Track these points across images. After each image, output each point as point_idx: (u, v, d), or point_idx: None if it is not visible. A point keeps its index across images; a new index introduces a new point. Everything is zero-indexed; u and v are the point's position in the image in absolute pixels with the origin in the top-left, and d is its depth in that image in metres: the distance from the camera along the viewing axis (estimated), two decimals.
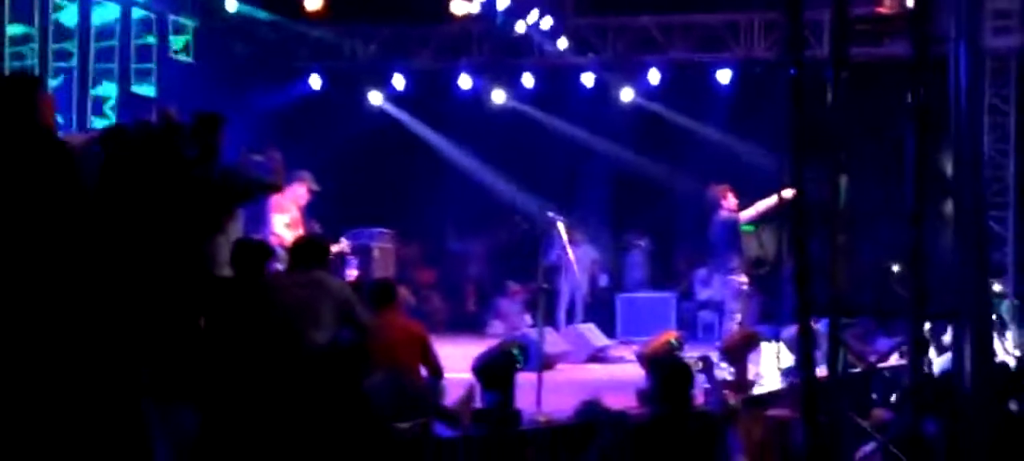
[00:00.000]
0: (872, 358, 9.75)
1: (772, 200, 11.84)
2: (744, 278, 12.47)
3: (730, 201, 12.60)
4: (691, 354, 9.53)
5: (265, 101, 16.55)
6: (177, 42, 15.70)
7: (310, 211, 11.80)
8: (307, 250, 8.04)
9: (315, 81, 17.73)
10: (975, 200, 5.16)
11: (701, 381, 8.68)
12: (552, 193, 16.52)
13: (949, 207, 5.75)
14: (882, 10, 7.84)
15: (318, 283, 7.65)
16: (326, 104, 17.78)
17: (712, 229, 12.81)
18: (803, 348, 5.54)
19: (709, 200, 12.89)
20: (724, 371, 9.90)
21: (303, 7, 13.85)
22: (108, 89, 14.69)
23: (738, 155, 16.63)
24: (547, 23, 16.02)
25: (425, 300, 16.74)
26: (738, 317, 12.17)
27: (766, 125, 15.86)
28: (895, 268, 13.09)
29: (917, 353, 5.58)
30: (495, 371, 7.89)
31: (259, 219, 10.83)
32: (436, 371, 8.24)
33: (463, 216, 18.92)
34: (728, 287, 12.62)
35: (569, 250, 13.26)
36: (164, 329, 6.34)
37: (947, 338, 10.48)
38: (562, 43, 16.80)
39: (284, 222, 11.10)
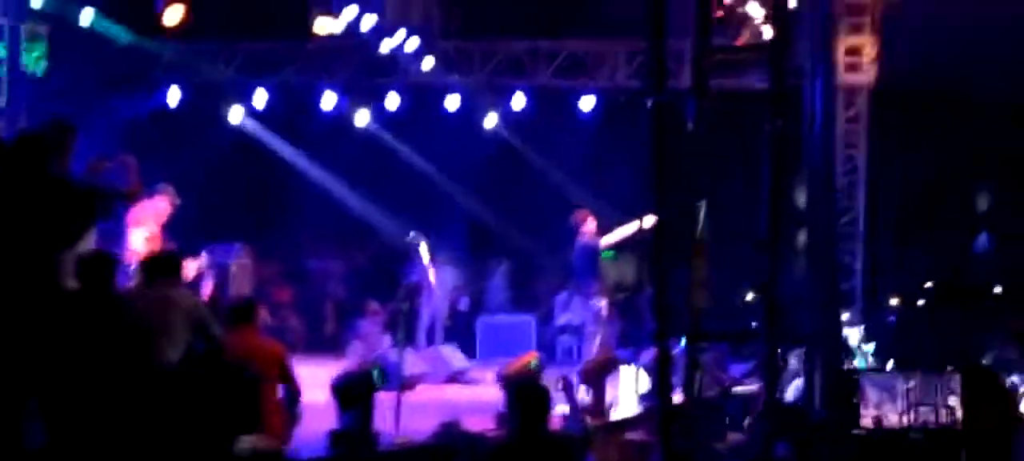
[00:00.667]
0: (726, 383, 9.94)
1: (633, 227, 12.01)
2: (604, 302, 12.60)
3: (590, 226, 12.73)
4: (551, 377, 9.58)
5: (122, 115, 16.16)
6: (29, 55, 15.21)
7: (168, 226, 11.54)
8: (158, 265, 7.89)
9: (174, 96, 17.35)
10: (827, 230, 5.31)
11: (561, 403, 8.74)
12: (415, 214, 16.50)
13: (801, 237, 5.91)
14: (740, 42, 8.02)
15: (169, 299, 7.51)
16: (186, 119, 17.43)
17: (573, 254, 12.93)
18: (661, 373, 5.63)
19: (571, 225, 13.01)
20: (583, 394, 9.97)
21: (161, 21, 13.51)
22: None
23: (601, 181, 16.83)
24: (413, 44, 15.97)
25: (283, 319, 16.51)
26: (598, 341, 12.28)
27: (629, 152, 16.15)
28: (749, 297, 13.36)
29: (770, 378, 5.70)
30: (353, 392, 7.83)
31: (117, 233, 10.53)
32: (294, 391, 8.13)
33: (323, 235, 18.74)
34: (588, 311, 12.74)
35: (430, 271, 13.23)
36: (11, 343, 6.15)
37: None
38: (428, 64, 16.77)
39: (143, 237, 10.77)
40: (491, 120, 17.67)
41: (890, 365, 11.42)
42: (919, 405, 8.07)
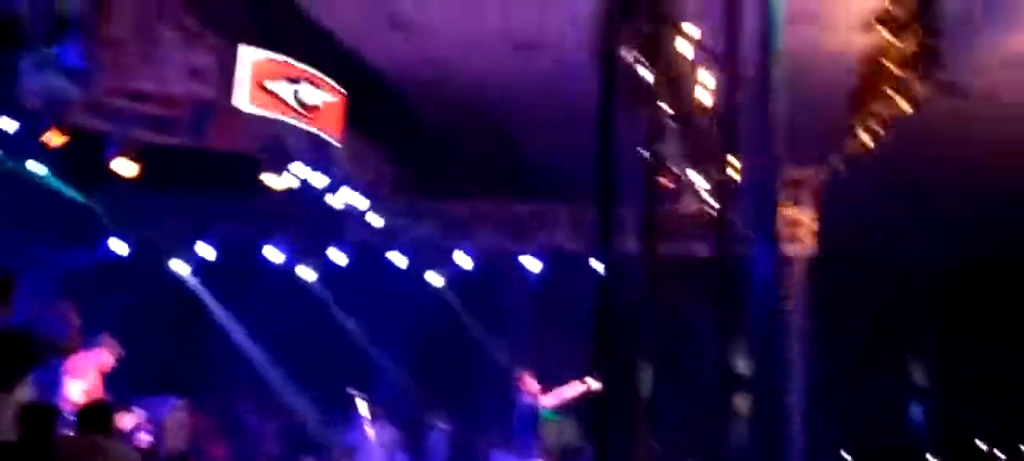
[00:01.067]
0: None
1: (575, 388, 12.03)
2: None
3: (531, 387, 12.73)
4: None
5: (63, 264, 16.04)
6: None
7: (107, 377, 11.39)
8: (91, 416, 7.74)
9: (118, 246, 17.29)
10: (773, 394, 5.38)
11: None
12: (355, 370, 16.45)
13: (739, 402, 5.97)
14: (682, 211, 8.21)
15: (99, 447, 7.36)
16: (127, 269, 17.34)
17: (514, 413, 12.90)
18: None
19: (512, 385, 13.01)
20: None
21: (110, 171, 13.50)
22: None
23: (544, 342, 16.88)
24: (362, 203, 16.07)
25: None
26: None
27: (571, 313, 16.24)
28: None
29: None
30: None
31: (53, 383, 10.37)
32: None
33: (260, 391, 18.55)
34: None
35: (369, 427, 13.12)
36: None
37: None
38: (375, 221, 16.86)
39: (81, 388, 10.55)
40: (437, 280, 17.74)
41: None
42: None
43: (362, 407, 12.89)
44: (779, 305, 5.84)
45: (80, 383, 10.61)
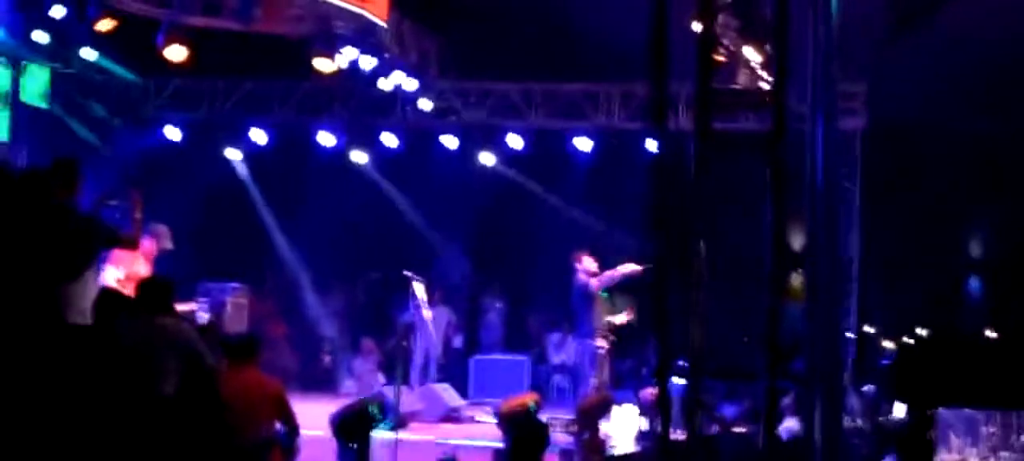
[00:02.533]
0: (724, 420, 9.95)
1: (629, 267, 12.05)
2: (600, 342, 12.61)
3: (587, 266, 12.75)
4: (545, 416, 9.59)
5: (122, 149, 16.23)
6: (32, 88, 15.31)
7: (163, 263, 11.49)
8: (151, 293, 7.77)
9: (173, 132, 17.48)
10: (830, 270, 5.37)
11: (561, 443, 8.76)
12: (410, 252, 16.58)
13: (793, 278, 5.97)
14: (737, 85, 8.12)
15: (161, 330, 7.40)
16: (184, 156, 17.53)
17: (570, 293, 12.94)
18: (662, 411, 5.67)
19: (568, 265, 13.03)
20: (579, 434, 9.98)
21: (162, 58, 13.60)
22: None
23: (597, 221, 16.91)
24: (411, 85, 16.07)
25: (277, 355, 16.51)
26: (594, 381, 12.29)
27: (624, 192, 16.24)
28: (746, 339, 13.38)
29: (769, 419, 5.74)
30: (353, 428, 7.83)
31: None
32: (292, 428, 8.14)
33: (319, 273, 18.78)
34: (584, 351, 12.73)
35: (425, 310, 13.25)
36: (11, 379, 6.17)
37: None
38: (425, 105, 16.88)
39: (116, 276, 10.44)
40: (488, 159, 17.77)
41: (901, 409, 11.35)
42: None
43: (418, 289, 12.98)
44: (835, 180, 5.79)
45: (118, 272, 10.47)
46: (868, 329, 16.72)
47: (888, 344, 16.70)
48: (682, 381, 7.02)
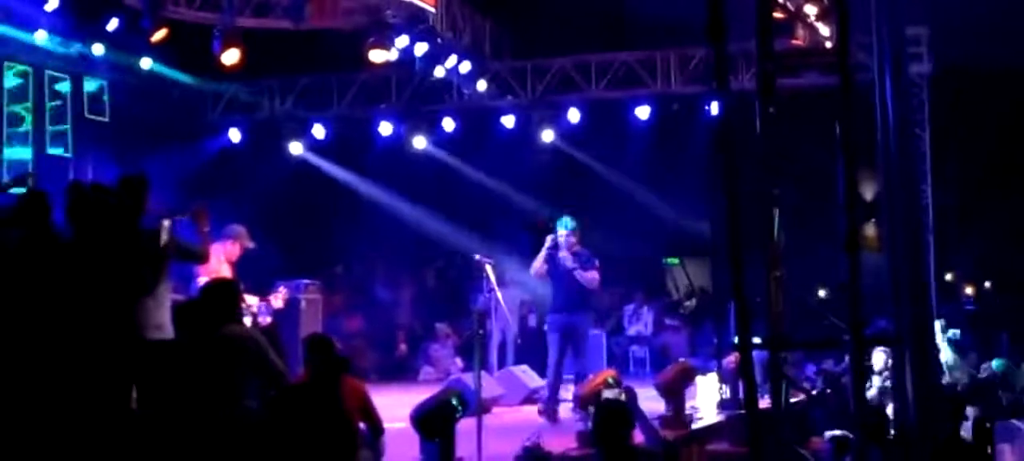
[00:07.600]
0: (808, 387, 9.83)
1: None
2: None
3: None
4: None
5: (184, 157, 16.35)
6: (91, 102, 15.46)
7: (239, 265, 11.56)
8: (216, 300, 7.67)
9: (234, 135, 17.60)
10: (912, 225, 5.22)
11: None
12: (477, 233, 16.56)
13: (867, 227, 5.83)
14: (797, 43, 7.94)
15: (230, 341, 7.33)
16: (246, 157, 17.64)
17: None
18: (746, 381, 5.55)
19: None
20: (660, 406, 9.87)
21: (219, 63, 13.66)
22: (21, 152, 14.42)
23: (659, 189, 16.76)
24: (466, 67, 16.03)
25: (354, 349, 16.56)
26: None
27: (685, 158, 16.09)
28: (822, 293, 13.23)
29: (859, 381, 5.61)
30: (435, 421, 7.75)
31: (186, 275, 10.52)
32: (376, 428, 8.08)
33: (388, 262, 18.83)
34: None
35: (498, 292, 13.21)
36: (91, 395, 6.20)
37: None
38: (481, 86, 16.83)
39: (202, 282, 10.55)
40: (548, 135, 17.68)
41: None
42: None
43: (489, 272, 12.94)
44: (906, 129, 5.63)
45: (203, 278, 10.55)
46: (947, 277, 16.42)
47: (969, 290, 16.39)
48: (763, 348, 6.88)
